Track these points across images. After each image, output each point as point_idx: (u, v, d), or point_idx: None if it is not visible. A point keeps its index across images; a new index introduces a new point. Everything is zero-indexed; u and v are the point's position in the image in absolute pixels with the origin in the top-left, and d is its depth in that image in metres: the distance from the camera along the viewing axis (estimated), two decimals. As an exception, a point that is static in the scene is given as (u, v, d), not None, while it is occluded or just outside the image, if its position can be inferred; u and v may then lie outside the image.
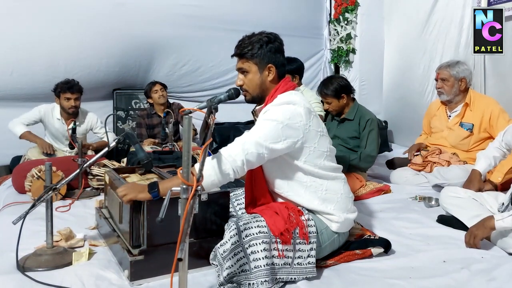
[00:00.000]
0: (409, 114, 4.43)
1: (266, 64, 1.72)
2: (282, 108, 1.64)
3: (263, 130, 1.60)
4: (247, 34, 1.76)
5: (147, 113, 3.96)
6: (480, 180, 2.41)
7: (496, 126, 2.91)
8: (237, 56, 1.77)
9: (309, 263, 1.63)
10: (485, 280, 1.65)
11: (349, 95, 2.99)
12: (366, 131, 2.92)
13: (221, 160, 1.56)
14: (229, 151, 1.58)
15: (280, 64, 1.76)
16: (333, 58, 5.31)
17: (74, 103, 3.36)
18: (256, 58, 1.72)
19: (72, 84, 3.34)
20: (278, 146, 1.60)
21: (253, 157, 1.58)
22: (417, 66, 4.31)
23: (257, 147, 1.58)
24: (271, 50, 1.72)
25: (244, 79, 1.76)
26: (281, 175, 1.73)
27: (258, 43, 1.71)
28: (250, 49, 1.71)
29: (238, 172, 1.58)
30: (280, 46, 1.76)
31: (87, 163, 1.99)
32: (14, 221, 1.67)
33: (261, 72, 1.73)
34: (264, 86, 1.75)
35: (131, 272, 1.60)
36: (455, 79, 3.06)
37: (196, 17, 4.45)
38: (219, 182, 1.58)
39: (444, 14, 3.94)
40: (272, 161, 1.67)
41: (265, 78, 1.74)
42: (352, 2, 4.98)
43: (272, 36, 1.75)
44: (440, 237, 2.09)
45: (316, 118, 1.72)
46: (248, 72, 1.74)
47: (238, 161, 1.56)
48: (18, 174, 2.81)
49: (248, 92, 1.77)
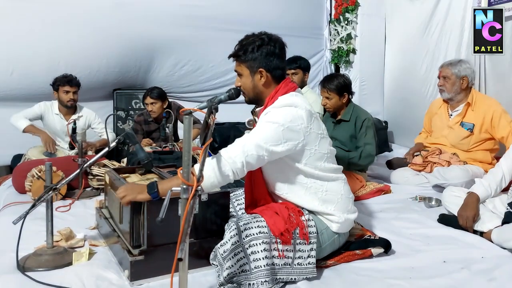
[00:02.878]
0: (410, 114, 4.43)
1: (257, 68, 1.70)
2: (284, 111, 1.63)
3: (264, 132, 1.60)
4: (247, 34, 1.75)
5: (144, 119, 3.78)
6: (476, 207, 2.13)
7: (497, 127, 2.91)
8: (233, 57, 1.77)
9: (309, 263, 1.63)
10: (485, 280, 1.65)
11: (349, 95, 2.98)
12: (363, 131, 2.90)
13: (221, 161, 1.56)
14: (229, 152, 1.57)
15: (274, 68, 1.71)
16: (333, 58, 5.30)
17: (73, 96, 3.42)
18: (247, 62, 1.71)
19: (71, 78, 3.42)
20: (278, 148, 1.59)
21: (253, 159, 1.58)
22: (419, 67, 4.30)
23: (257, 149, 1.57)
24: (263, 54, 1.69)
25: (240, 81, 1.76)
26: (281, 177, 1.73)
27: (250, 46, 1.69)
28: (242, 53, 1.71)
29: (238, 173, 1.57)
30: (273, 49, 1.70)
31: (87, 163, 1.99)
32: (14, 221, 1.67)
33: (253, 76, 1.72)
34: (257, 90, 1.74)
35: (131, 272, 1.60)
36: (456, 77, 3.06)
37: (196, 17, 4.45)
38: (218, 184, 1.58)
39: (445, 15, 3.93)
40: (272, 163, 1.66)
41: (257, 82, 1.72)
42: (352, 2, 4.98)
43: (267, 39, 1.71)
44: (440, 237, 2.09)
45: (317, 120, 1.72)
46: (242, 75, 1.75)
47: (238, 163, 1.55)
48: (18, 174, 2.81)
49: (245, 94, 1.78)
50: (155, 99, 3.62)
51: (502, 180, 2.20)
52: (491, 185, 2.19)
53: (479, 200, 2.16)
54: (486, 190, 2.18)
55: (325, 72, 5.39)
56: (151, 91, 3.65)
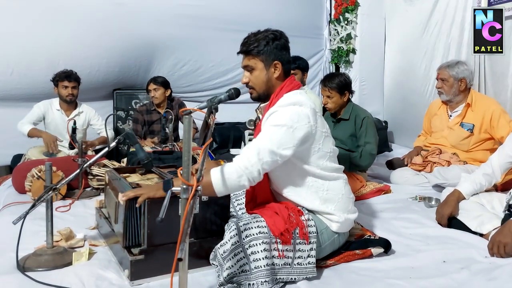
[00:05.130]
0: (410, 114, 4.43)
1: (272, 61, 1.72)
2: (290, 111, 1.63)
3: (275, 137, 1.58)
4: (253, 32, 1.76)
5: (146, 109, 3.88)
6: (454, 205, 2.17)
7: (497, 127, 2.91)
8: (243, 53, 1.76)
9: (309, 263, 1.63)
10: (485, 280, 1.65)
11: (350, 93, 2.97)
12: (363, 130, 2.89)
13: (238, 172, 1.54)
14: (245, 162, 1.55)
15: (286, 61, 1.75)
16: (333, 58, 5.30)
17: (71, 91, 3.46)
18: (262, 55, 1.71)
19: (70, 73, 3.47)
20: (290, 151, 1.60)
21: (268, 165, 1.58)
22: (418, 66, 4.31)
23: (271, 155, 1.57)
24: (277, 47, 1.72)
25: (250, 76, 1.76)
26: (283, 174, 1.73)
27: (264, 40, 1.71)
28: (256, 46, 1.71)
29: (254, 181, 1.57)
30: (285, 43, 1.76)
31: (87, 163, 1.99)
32: (14, 221, 1.66)
33: (267, 69, 1.73)
34: (270, 83, 1.75)
35: (131, 272, 1.60)
36: (455, 80, 3.06)
37: (196, 17, 4.45)
38: (233, 192, 1.60)
39: (445, 14, 3.93)
40: None
41: (271, 75, 1.74)
42: (352, 2, 4.98)
43: (278, 33, 1.75)
44: (440, 237, 2.09)
45: (321, 119, 1.72)
46: (254, 69, 1.74)
47: (255, 172, 1.55)
48: (18, 174, 2.81)
49: (254, 90, 1.77)
50: (158, 86, 3.77)
51: (491, 174, 2.21)
52: (477, 179, 2.21)
53: (461, 197, 2.20)
54: (472, 185, 2.20)
55: (325, 72, 5.39)
56: (154, 78, 3.82)
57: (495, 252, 1.83)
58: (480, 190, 2.22)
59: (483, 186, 2.21)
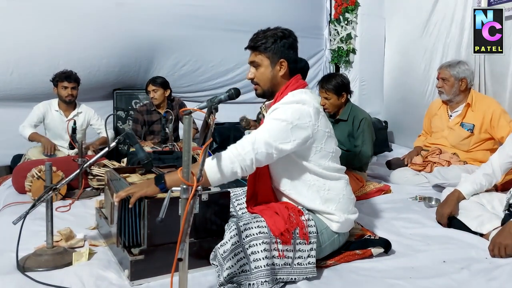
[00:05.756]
0: (410, 114, 4.43)
1: (279, 59, 1.73)
2: (292, 108, 1.64)
3: (273, 129, 1.60)
4: (262, 28, 1.77)
5: (146, 109, 3.86)
6: (454, 205, 2.18)
7: (497, 127, 2.91)
8: (250, 49, 1.77)
9: (309, 263, 1.63)
10: (485, 280, 1.65)
11: (348, 94, 2.97)
12: (360, 131, 2.89)
13: (230, 158, 1.56)
14: (239, 149, 1.58)
15: (292, 60, 1.76)
16: (333, 58, 5.30)
17: (71, 92, 3.46)
18: (269, 52, 1.72)
19: (69, 74, 3.46)
20: (287, 146, 1.60)
21: (262, 156, 1.58)
22: (418, 66, 4.30)
23: (266, 146, 1.58)
24: (285, 46, 1.73)
25: (255, 72, 1.76)
26: (285, 172, 1.74)
27: (272, 37, 1.72)
28: (263, 43, 1.72)
29: (247, 170, 1.58)
30: (294, 43, 1.76)
31: (87, 163, 1.99)
32: (14, 221, 1.66)
33: (273, 66, 1.74)
34: (275, 81, 1.75)
35: (131, 272, 1.60)
36: (455, 79, 3.06)
37: (196, 17, 4.44)
38: (226, 180, 1.58)
39: (444, 14, 3.93)
40: (278, 159, 1.66)
41: (277, 73, 1.74)
42: (352, 2, 4.98)
43: (287, 32, 1.75)
44: (440, 237, 2.09)
45: (324, 119, 1.73)
46: (260, 66, 1.75)
47: (247, 160, 1.56)
48: (18, 174, 2.80)
49: (259, 86, 1.78)
50: (157, 86, 3.75)
51: (491, 174, 2.21)
52: (477, 179, 2.21)
53: (461, 197, 2.20)
54: (472, 185, 2.21)
55: (325, 72, 5.39)
56: (153, 79, 3.79)
57: (495, 253, 1.84)
58: (480, 190, 2.22)
59: (483, 186, 2.21)
